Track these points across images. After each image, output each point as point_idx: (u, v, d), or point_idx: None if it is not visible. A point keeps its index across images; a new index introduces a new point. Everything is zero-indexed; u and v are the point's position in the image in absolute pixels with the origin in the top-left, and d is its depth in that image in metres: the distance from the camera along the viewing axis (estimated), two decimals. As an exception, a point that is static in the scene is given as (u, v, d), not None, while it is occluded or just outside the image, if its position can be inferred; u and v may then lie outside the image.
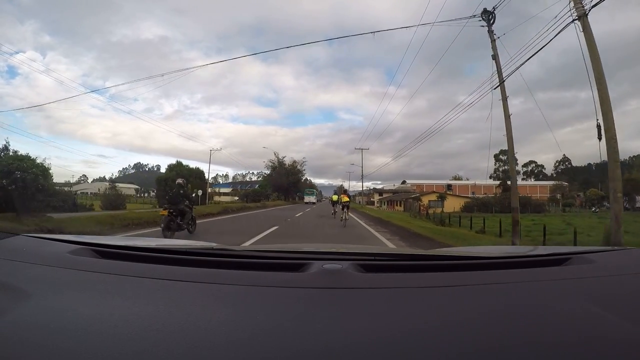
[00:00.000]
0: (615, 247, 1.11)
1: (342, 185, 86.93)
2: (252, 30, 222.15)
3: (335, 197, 17.20)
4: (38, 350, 0.47)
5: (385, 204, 51.77)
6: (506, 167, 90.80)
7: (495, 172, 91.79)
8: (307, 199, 47.63)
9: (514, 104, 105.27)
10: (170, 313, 0.57)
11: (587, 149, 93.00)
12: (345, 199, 13.14)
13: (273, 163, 57.51)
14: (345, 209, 12.50)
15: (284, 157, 58.73)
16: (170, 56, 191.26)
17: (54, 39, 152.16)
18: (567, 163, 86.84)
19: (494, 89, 9.23)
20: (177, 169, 38.14)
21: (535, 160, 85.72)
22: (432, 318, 0.57)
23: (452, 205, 36.33)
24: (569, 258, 0.88)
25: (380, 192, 63.72)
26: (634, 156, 75.53)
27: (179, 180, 8.01)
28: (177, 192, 7.64)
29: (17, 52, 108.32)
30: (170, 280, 0.68)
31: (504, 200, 36.45)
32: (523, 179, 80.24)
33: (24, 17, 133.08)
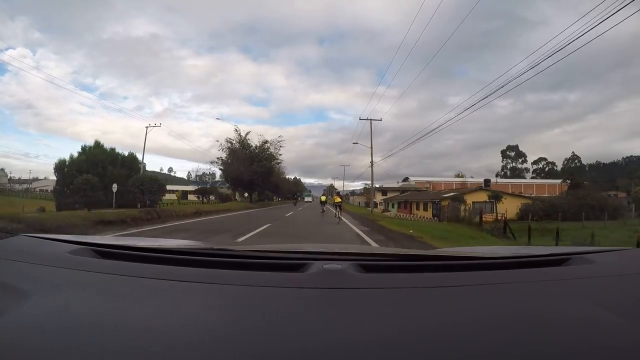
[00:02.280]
0: (615, 247, 1.08)
1: (332, 184, 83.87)
2: (243, 29, 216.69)
3: (323, 198, 20.97)
4: (38, 350, 0.47)
5: (394, 206, 39.64)
6: (514, 164, 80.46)
7: (502, 169, 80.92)
8: (306, 199, 55.86)
9: (503, 105, 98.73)
10: (170, 313, 0.58)
11: (576, 150, 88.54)
12: (338, 199, 14.95)
13: (231, 143, 35.96)
14: (338, 209, 14.23)
15: (247, 134, 37.29)
16: (162, 54, 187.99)
17: (43, 35, 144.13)
18: (576, 161, 77.95)
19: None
20: (91, 152, 23.61)
21: (546, 157, 76.04)
22: (433, 318, 0.58)
23: (504, 208, 24.58)
24: (569, 258, 0.88)
25: (383, 190, 51.46)
26: (627, 157, 73.17)
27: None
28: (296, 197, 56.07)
29: (6, 49, 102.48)
30: (170, 280, 0.69)
31: (574, 202, 24.78)
32: (532, 177, 70.04)
33: (14, 14, 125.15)
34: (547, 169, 78.91)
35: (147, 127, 27.26)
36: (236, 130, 37.06)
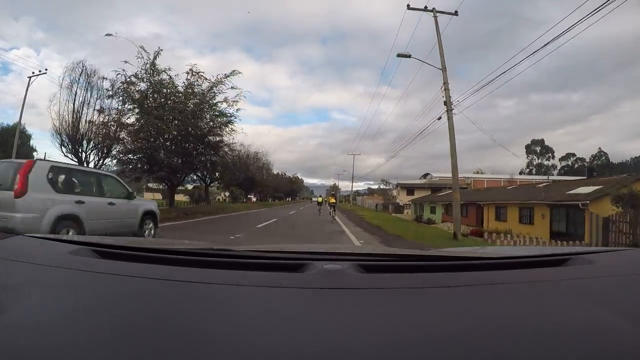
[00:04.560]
0: (615, 248, 1.13)
1: (335, 184, 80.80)
2: (246, 29, 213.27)
3: (320, 199, 22.77)
4: (38, 350, 0.47)
5: (435, 210, 27.15)
6: (541, 161, 69.96)
7: (528, 166, 69.10)
8: (313, 199, 47.77)
9: (507, 105, 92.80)
10: (170, 313, 0.59)
11: (579, 151, 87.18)
12: (332, 200, 17.19)
13: (127, 78, 15.12)
14: (332, 209, 16.32)
15: (159, 54, 15.54)
16: (164, 54, 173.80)
17: (47, 35, 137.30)
18: (603, 158, 67.32)
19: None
20: None
21: (574, 152, 73.64)
22: (433, 318, 0.59)
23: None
24: (569, 258, 0.90)
25: (408, 188, 39.09)
26: (635, 157, 69.56)
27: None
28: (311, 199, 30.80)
29: (11, 49, 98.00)
30: (170, 280, 0.70)
31: None
32: (560, 175, 59.57)
33: (18, 13, 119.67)
34: (576, 165, 68.49)
35: (29, 77, 14.74)
36: (140, 51, 15.27)
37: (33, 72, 16.73)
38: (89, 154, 16.10)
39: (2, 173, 4.83)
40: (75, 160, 15.68)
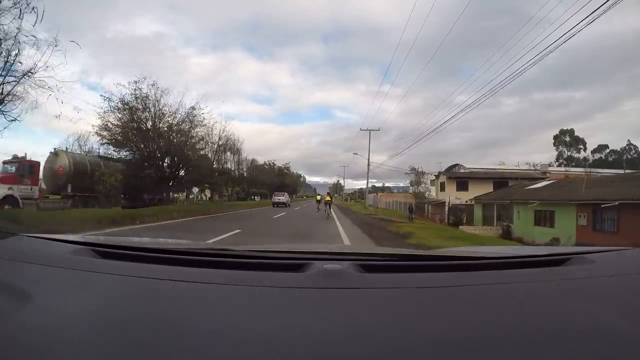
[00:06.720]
0: (615, 247, 1.08)
1: (337, 182, 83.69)
2: (248, 27, 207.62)
3: (318, 197, 24.12)
4: (38, 350, 0.48)
5: (559, 221, 14.78)
6: (571, 154, 59.71)
7: (557, 159, 58.36)
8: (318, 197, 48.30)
9: (509, 103, 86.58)
10: (170, 313, 0.60)
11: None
12: (328, 198, 18.69)
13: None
14: (328, 206, 18.09)
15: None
16: (166, 52, 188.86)
17: (48, 35, 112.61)
18: (633, 152, 67.31)
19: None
20: None
21: (607, 144, 67.67)
22: (432, 318, 0.61)
23: None
24: (569, 258, 0.91)
25: (459, 180, 26.66)
26: None
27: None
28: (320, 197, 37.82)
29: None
30: (170, 280, 0.72)
31: None
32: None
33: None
34: (611, 158, 59.23)
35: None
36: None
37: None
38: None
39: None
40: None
